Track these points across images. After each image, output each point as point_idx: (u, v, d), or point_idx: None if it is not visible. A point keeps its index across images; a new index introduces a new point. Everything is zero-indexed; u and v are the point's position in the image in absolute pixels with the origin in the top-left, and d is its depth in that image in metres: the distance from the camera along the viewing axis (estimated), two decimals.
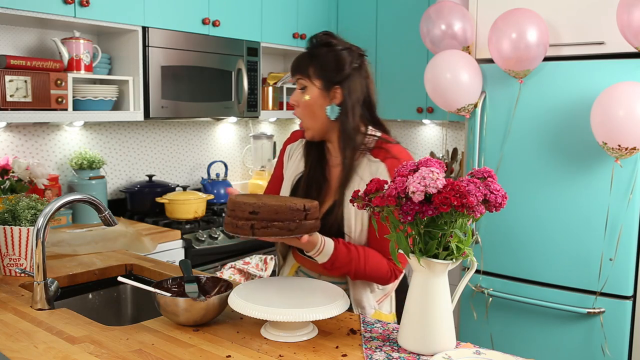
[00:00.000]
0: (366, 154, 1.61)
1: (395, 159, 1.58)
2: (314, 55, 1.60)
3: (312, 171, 1.68)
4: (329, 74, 1.58)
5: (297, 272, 1.75)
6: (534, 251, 2.71)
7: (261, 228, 1.36)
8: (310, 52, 1.61)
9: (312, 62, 1.59)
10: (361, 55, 1.63)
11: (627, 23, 2.31)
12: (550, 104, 2.63)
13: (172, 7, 2.85)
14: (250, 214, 1.36)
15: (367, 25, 3.72)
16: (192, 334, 1.41)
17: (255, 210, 1.36)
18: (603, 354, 2.55)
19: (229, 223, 1.40)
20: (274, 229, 1.37)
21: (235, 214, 1.38)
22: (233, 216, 1.39)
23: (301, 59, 1.62)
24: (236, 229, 1.38)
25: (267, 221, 1.37)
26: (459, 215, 1.22)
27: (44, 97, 2.42)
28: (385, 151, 1.60)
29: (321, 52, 1.59)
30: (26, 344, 1.35)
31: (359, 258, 1.53)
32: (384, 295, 1.70)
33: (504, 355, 1.26)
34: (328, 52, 1.59)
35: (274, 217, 1.37)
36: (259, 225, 1.36)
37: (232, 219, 1.39)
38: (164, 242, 2.64)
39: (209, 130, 3.62)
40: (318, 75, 1.59)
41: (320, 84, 1.59)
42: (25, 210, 1.86)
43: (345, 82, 1.59)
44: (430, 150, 3.93)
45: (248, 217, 1.37)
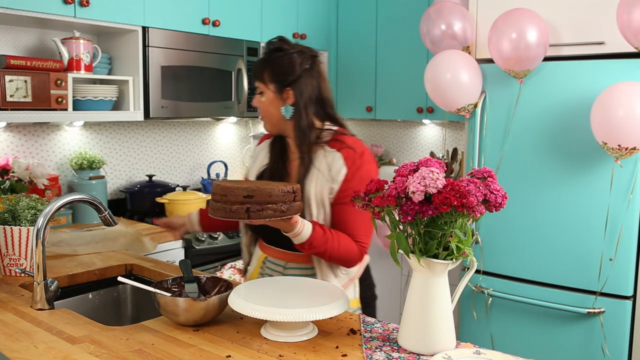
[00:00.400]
0: (323, 146, 1.71)
1: (351, 149, 1.68)
2: (267, 61, 1.72)
3: (275, 164, 1.80)
4: (281, 77, 1.70)
5: (264, 263, 1.81)
6: (534, 251, 2.71)
7: (256, 211, 1.40)
8: (265, 58, 1.74)
9: (266, 68, 1.72)
10: (313, 57, 1.73)
11: (627, 23, 2.31)
12: (550, 104, 2.63)
13: (172, 7, 2.85)
14: (245, 198, 1.39)
15: (367, 25, 3.72)
16: (192, 334, 1.41)
17: (250, 194, 1.40)
18: (603, 354, 2.55)
19: (219, 208, 1.42)
20: (269, 211, 1.41)
21: (227, 199, 1.40)
22: (224, 201, 1.41)
23: (257, 65, 1.75)
24: (230, 213, 1.40)
25: (262, 204, 1.40)
26: (459, 215, 1.22)
27: (44, 97, 2.42)
28: (340, 142, 1.70)
29: (274, 57, 1.71)
30: (26, 344, 1.35)
31: (333, 239, 1.62)
32: (349, 280, 1.78)
33: (504, 355, 1.26)
34: (281, 57, 1.71)
35: (267, 199, 1.41)
36: (254, 208, 1.40)
37: (224, 204, 1.41)
38: (164, 242, 2.64)
39: (209, 130, 3.62)
40: (271, 79, 1.71)
41: (273, 87, 1.71)
42: (25, 210, 1.86)
43: (296, 83, 1.70)
44: (430, 150, 3.93)
45: (243, 200, 1.40)
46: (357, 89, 3.80)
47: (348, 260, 1.67)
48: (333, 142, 1.70)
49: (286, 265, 1.76)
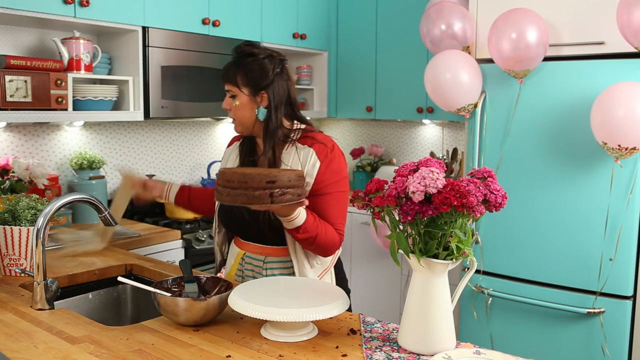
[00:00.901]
0: (294, 144, 1.79)
1: (322, 144, 1.77)
2: (240, 65, 1.76)
3: (244, 164, 1.86)
4: (256, 81, 1.76)
5: (243, 259, 1.85)
6: (534, 251, 2.71)
7: (279, 196, 1.43)
8: (237, 62, 1.77)
9: (239, 72, 1.76)
10: (282, 61, 1.81)
11: (627, 23, 2.31)
12: (550, 104, 2.63)
13: (172, 7, 2.85)
14: (267, 184, 1.42)
15: (367, 25, 3.72)
16: (192, 334, 1.41)
17: (272, 179, 1.42)
18: (603, 354, 2.55)
19: (240, 195, 1.43)
20: (288, 195, 1.44)
21: (248, 185, 1.42)
22: (245, 187, 1.42)
23: (229, 69, 1.78)
24: (253, 199, 1.42)
25: (282, 189, 1.43)
26: (459, 215, 1.22)
27: (44, 97, 2.42)
28: (311, 139, 1.79)
29: (246, 61, 1.76)
30: (26, 344, 1.35)
31: (321, 225, 1.69)
32: (324, 270, 1.83)
33: (504, 355, 1.26)
34: (253, 62, 1.76)
35: (287, 184, 1.44)
36: (276, 193, 1.42)
37: (245, 191, 1.42)
38: (164, 242, 2.64)
39: (209, 130, 3.62)
40: (245, 83, 1.76)
41: (247, 91, 1.76)
42: (25, 210, 1.86)
43: (269, 86, 1.76)
44: (430, 150, 3.93)
45: (265, 186, 1.42)
46: (357, 89, 3.80)
47: (331, 247, 1.73)
48: (304, 139, 1.79)
49: (265, 260, 1.81)
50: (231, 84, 1.78)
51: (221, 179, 1.49)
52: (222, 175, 1.49)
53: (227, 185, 1.46)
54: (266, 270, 1.80)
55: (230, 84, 1.78)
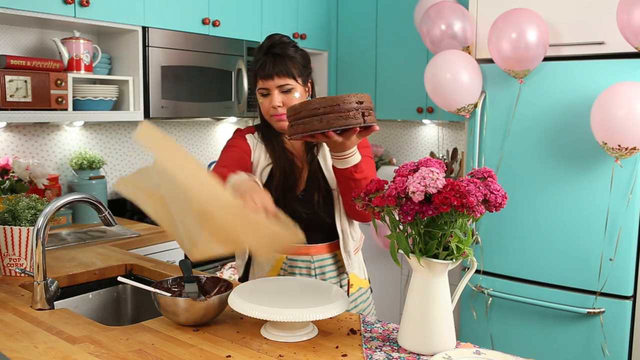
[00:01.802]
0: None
1: None
2: (289, 57, 1.71)
3: (282, 159, 1.78)
4: (305, 70, 1.75)
5: (285, 263, 1.79)
6: (534, 251, 2.71)
7: (368, 115, 1.43)
8: (284, 54, 1.71)
9: (292, 63, 1.71)
10: None
11: (627, 23, 2.31)
12: (550, 104, 2.63)
13: (172, 7, 2.85)
14: (357, 104, 1.42)
15: (367, 25, 3.72)
16: (192, 334, 1.41)
17: (360, 100, 1.42)
18: (603, 354, 2.55)
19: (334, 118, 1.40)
20: (372, 116, 1.44)
21: (340, 107, 1.41)
22: (338, 111, 1.40)
23: (281, 62, 1.70)
24: (348, 120, 1.40)
25: (367, 109, 1.43)
26: (459, 215, 1.22)
27: (44, 97, 2.42)
28: None
29: (291, 51, 1.72)
30: (26, 344, 1.35)
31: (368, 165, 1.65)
32: (356, 249, 1.85)
33: (504, 355, 1.26)
34: (296, 51, 1.73)
35: (369, 105, 1.44)
36: (367, 113, 1.42)
37: (338, 114, 1.40)
38: (164, 242, 2.64)
39: (209, 130, 3.62)
40: (299, 74, 1.72)
41: (301, 81, 1.74)
42: (25, 210, 1.86)
43: (312, 74, 1.79)
44: (430, 150, 3.93)
45: (357, 107, 1.42)
46: (357, 89, 3.80)
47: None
48: None
49: (313, 259, 1.78)
50: (288, 76, 1.70)
51: (305, 110, 1.43)
52: (305, 107, 1.43)
53: (316, 113, 1.41)
54: (315, 270, 1.78)
55: (287, 77, 1.70)
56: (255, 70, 1.74)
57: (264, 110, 1.76)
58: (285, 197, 1.73)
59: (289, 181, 1.76)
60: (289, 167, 1.78)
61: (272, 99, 1.71)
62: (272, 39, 1.73)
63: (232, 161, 1.76)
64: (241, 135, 1.85)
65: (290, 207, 1.69)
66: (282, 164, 1.77)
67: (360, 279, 1.87)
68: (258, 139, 1.83)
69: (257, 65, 1.72)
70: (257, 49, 1.78)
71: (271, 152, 1.80)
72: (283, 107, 1.70)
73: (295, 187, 1.77)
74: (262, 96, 1.74)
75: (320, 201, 1.74)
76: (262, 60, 1.71)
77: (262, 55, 1.72)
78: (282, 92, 1.71)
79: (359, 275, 1.86)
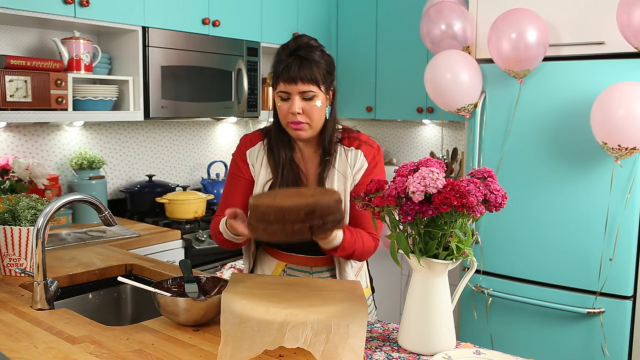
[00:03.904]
0: (339, 145, 1.71)
1: (369, 146, 1.72)
2: (315, 62, 1.61)
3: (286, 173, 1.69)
4: (329, 77, 1.65)
5: (285, 271, 1.77)
6: (534, 251, 2.71)
7: (318, 227, 1.33)
8: (309, 58, 1.60)
9: (317, 68, 1.61)
10: None
11: (627, 23, 2.31)
12: (550, 104, 2.63)
13: (172, 7, 2.85)
14: (306, 215, 1.32)
15: (367, 25, 3.72)
16: (192, 334, 1.41)
17: (311, 210, 1.32)
18: (603, 354, 2.55)
19: (278, 231, 1.32)
20: (329, 224, 1.35)
21: (286, 219, 1.31)
22: (283, 222, 1.31)
23: (307, 67, 1.60)
24: (293, 233, 1.32)
25: (322, 218, 1.34)
26: (459, 215, 1.22)
27: (44, 97, 2.42)
28: (356, 140, 1.72)
29: (317, 57, 1.62)
30: (26, 344, 1.35)
31: (358, 237, 1.62)
32: (359, 269, 1.79)
33: (504, 355, 1.26)
34: (322, 56, 1.63)
35: (326, 212, 1.34)
36: (316, 224, 1.33)
37: (283, 226, 1.32)
38: (164, 242, 2.64)
39: (209, 130, 3.62)
40: (323, 80, 1.63)
41: (324, 88, 1.64)
42: (25, 210, 1.86)
43: (334, 81, 1.68)
44: (430, 150, 3.93)
45: (304, 219, 1.31)
46: (357, 88, 3.80)
47: (367, 255, 1.68)
48: (349, 139, 1.71)
49: (312, 270, 1.75)
50: (312, 83, 1.59)
51: (254, 213, 1.36)
52: (255, 209, 1.36)
53: (263, 219, 1.34)
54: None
55: (311, 84, 1.59)
56: (277, 71, 1.62)
57: (281, 114, 1.65)
58: None
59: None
60: (293, 181, 1.69)
61: (292, 104, 1.61)
62: (299, 40, 1.63)
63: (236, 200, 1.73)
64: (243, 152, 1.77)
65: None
66: (284, 178, 1.69)
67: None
68: (263, 149, 1.74)
69: (281, 67, 1.61)
70: (280, 48, 1.65)
71: (274, 165, 1.71)
72: (302, 114, 1.61)
73: None
74: (282, 100, 1.63)
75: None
76: (286, 62, 1.60)
77: (287, 56, 1.61)
78: (303, 98, 1.61)
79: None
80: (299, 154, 1.73)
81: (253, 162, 1.75)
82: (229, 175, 1.80)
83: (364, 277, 1.83)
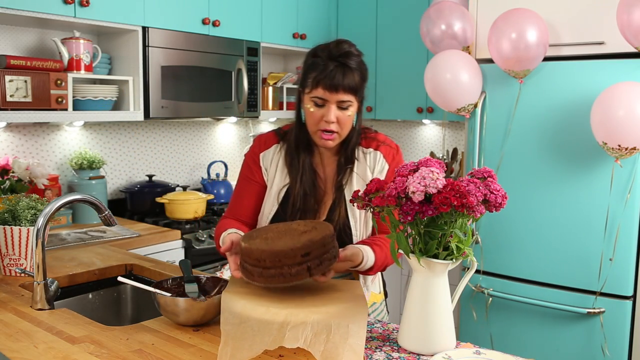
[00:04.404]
0: (359, 147, 1.68)
1: (387, 146, 1.69)
2: (355, 70, 1.55)
3: (305, 178, 1.65)
4: (364, 85, 1.60)
5: None
6: (534, 251, 2.71)
7: (315, 267, 1.32)
8: (352, 67, 1.54)
9: (360, 78, 1.56)
10: None
11: (627, 23, 2.31)
12: (550, 104, 2.63)
13: (172, 7, 2.85)
14: (303, 257, 1.30)
15: (367, 25, 3.72)
16: (192, 334, 1.41)
17: (307, 251, 1.30)
18: (603, 354, 2.55)
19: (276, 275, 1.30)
20: (326, 262, 1.33)
21: (283, 262, 1.30)
22: (280, 266, 1.30)
23: (350, 76, 1.53)
24: (291, 277, 1.30)
25: (319, 257, 1.32)
26: (459, 215, 1.22)
27: (44, 97, 2.42)
28: (374, 140, 1.69)
29: (358, 64, 1.56)
30: (26, 344, 1.35)
31: (384, 247, 1.57)
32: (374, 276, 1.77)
33: (504, 355, 1.26)
34: (362, 64, 1.58)
35: (322, 251, 1.33)
36: (313, 264, 1.31)
37: (280, 269, 1.30)
38: (164, 242, 2.64)
39: (209, 130, 3.62)
40: (361, 90, 1.58)
41: (359, 98, 1.59)
42: (25, 210, 1.86)
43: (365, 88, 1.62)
44: (430, 150, 3.93)
45: (301, 260, 1.30)
46: None
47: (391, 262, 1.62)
48: (367, 140, 1.68)
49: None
50: (352, 92, 1.53)
51: (248, 259, 1.34)
52: (249, 254, 1.33)
53: (258, 264, 1.31)
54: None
55: (350, 93, 1.53)
56: (316, 75, 1.54)
57: (312, 120, 1.57)
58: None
59: (308, 204, 1.64)
60: (310, 188, 1.65)
61: (328, 112, 1.54)
62: (342, 47, 1.55)
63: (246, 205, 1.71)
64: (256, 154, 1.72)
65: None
66: (303, 183, 1.64)
67: (375, 294, 1.78)
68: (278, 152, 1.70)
69: (320, 71, 1.53)
70: (318, 49, 1.58)
71: (292, 169, 1.66)
72: (335, 123, 1.56)
73: (315, 213, 1.65)
74: (316, 106, 1.56)
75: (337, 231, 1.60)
76: (330, 68, 1.52)
77: (329, 59, 1.53)
78: (339, 107, 1.55)
79: (374, 290, 1.77)
80: (318, 158, 1.69)
81: (267, 165, 1.71)
82: (241, 177, 1.76)
83: (377, 282, 1.80)
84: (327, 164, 1.69)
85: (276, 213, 1.67)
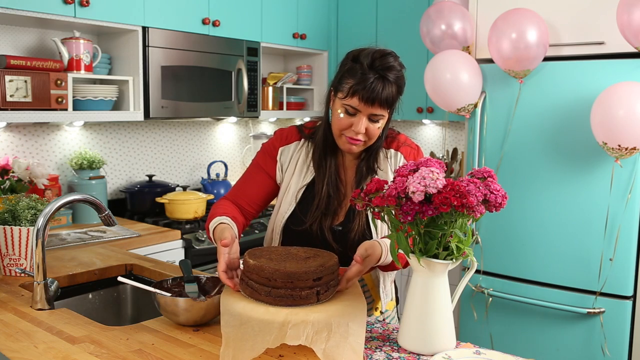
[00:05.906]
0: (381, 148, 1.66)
1: (408, 147, 1.68)
2: (395, 84, 1.53)
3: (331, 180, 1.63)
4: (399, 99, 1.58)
5: None
6: (534, 251, 2.71)
7: (324, 292, 1.33)
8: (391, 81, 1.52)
9: (396, 93, 1.54)
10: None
11: (627, 23, 2.31)
12: (550, 104, 2.63)
13: (172, 7, 2.85)
14: (314, 281, 1.30)
15: (367, 25, 3.72)
16: (192, 334, 1.41)
17: (319, 276, 1.31)
18: (603, 354, 2.55)
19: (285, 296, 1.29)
20: (331, 289, 1.35)
21: (295, 285, 1.30)
22: (292, 287, 1.29)
23: (388, 90, 1.50)
24: (300, 300, 1.30)
25: (327, 284, 1.34)
26: (459, 215, 1.22)
27: (44, 97, 2.42)
28: (395, 141, 1.68)
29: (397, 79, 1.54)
30: (26, 344, 1.35)
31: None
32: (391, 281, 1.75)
33: (504, 355, 1.26)
34: (400, 79, 1.55)
35: (331, 277, 1.34)
36: (322, 289, 1.32)
37: (291, 291, 1.30)
38: (164, 242, 2.64)
39: (209, 130, 3.62)
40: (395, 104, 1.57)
41: (390, 111, 1.58)
42: (25, 210, 1.86)
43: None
44: (430, 150, 3.93)
45: (312, 285, 1.30)
46: None
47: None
48: (388, 141, 1.67)
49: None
50: (387, 107, 1.52)
51: (258, 276, 1.31)
52: (259, 272, 1.31)
53: (268, 283, 1.30)
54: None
55: (385, 108, 1.51)
56: (353, 82, 1.49)
57: (339, 125, 1.54)
58: (321, 224, 1.60)
59: (331, 206, 1.62)
60: (335, 190, 1.62)
61: (358, 123, 1.51)
62: (386, 59, 1.53)
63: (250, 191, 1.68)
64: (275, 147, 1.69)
65: (323, 238, 1.60)
66: (328, 185, 1.62)
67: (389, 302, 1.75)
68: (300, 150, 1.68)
69: (360, 81, 1.49)
70: (362, 54, 1.55)
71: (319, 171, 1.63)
72: (363, 134, 1.54)
73: (334, 216, 1.63)
74: (347, 113, 1.52)
75: (356, 240, 1.57)
76: (370, 80, 1.48)
77: (369, 68, 1.50)
78: (370, 119, 1.52)
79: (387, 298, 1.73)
80: (340, 159, 1.68)
81: (284, 161, 1.68)
82: (253, 163, 1.73)
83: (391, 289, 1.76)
84: (348, 167, 1.68)
85: (293, 212, 1.65)
